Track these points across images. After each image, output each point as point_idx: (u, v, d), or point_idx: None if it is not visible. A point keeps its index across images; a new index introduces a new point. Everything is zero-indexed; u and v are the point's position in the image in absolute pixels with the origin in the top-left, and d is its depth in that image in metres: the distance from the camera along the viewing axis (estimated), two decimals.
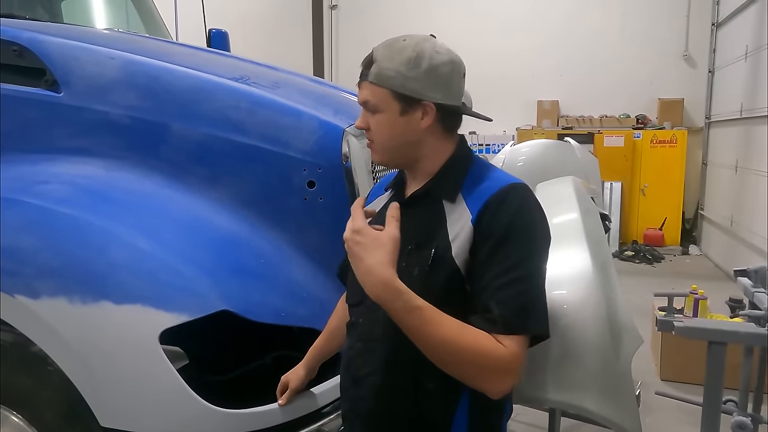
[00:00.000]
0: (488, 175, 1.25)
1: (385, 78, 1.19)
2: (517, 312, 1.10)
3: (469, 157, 1.29)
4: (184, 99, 1.77)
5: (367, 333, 1.26)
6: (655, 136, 7.80)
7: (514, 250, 1.14)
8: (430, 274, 1.16)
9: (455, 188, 1.23)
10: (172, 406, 1.46)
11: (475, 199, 1.19)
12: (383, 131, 1.23)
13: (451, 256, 1.16)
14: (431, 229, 1.21)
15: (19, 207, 1.60)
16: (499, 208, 1.16)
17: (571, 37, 8.44)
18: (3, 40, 1.81)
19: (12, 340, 1.56)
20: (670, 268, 6.81)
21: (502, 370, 1.09)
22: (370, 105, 1.22)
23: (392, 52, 1.19)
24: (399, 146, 1.24)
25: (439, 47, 1.21)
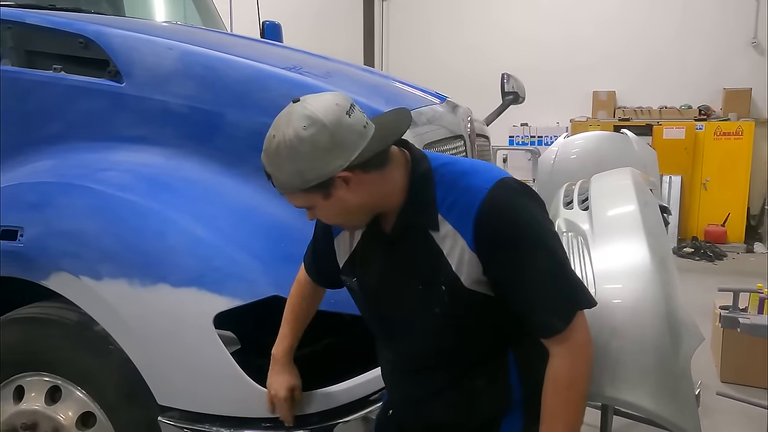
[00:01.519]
0: (459, 184, 1.17)
1: (286, 185, 1.13)
2: (566, 306, 1.14)
3: (427, 171, 1.18)
4: (238, 88, 1.80)
5: (406, 367, 1.32)
6: (719, 128, 7.43)
7: (527, 250, 1.13)
8: (451, 308, 1.18)
9: (432, 215, 1.17)
10: (226, 388, 1.50)
11: (461, 220, 1.14)
12: (330, 218, 1.20)
13: (464, 288, 1.15)
14: (430, 264, 1.18)
15: (83, 192, 1.68)
16: (492, 224, 1.12)
17: (628, 25, 8.13)
18: (70, 33, 1.89)
19: (77, 319, 1.64)
20: (733, 266, 6.50)
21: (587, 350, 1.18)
22: (301, 207, 1.19)
23: (272, 158, 1.11)
24: (354, 216, 1.19)
25: (303, 119, 1.08)
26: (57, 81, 1.88)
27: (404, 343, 1.30)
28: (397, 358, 1.33)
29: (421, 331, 1.25)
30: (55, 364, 1.68)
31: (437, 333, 1.23)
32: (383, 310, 1.30)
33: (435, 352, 1.26)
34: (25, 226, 1.67)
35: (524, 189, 1.19)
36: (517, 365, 1.25)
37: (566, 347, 1.15)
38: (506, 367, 1.25)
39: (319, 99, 1.11)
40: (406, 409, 1.37)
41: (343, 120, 1.09)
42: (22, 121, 1.91)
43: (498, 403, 1.27)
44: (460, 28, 8.89)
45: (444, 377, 1.27)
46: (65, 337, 1.66)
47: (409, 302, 1.22)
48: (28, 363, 1.72)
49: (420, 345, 1.27)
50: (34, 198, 1.74)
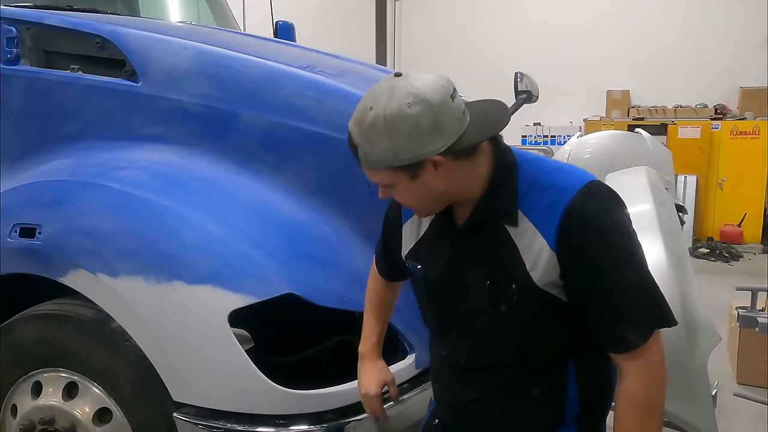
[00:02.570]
0: (545, 181, 1.12)
1: (375, 161, 1.08)
2: (647, 321, 1.09)
3: (512, 165, 1.15)
4: (252, 87, 1.81)
5: (459, 365, 1.25)
6: (736, 127, 7.34)
7: (615, 261, 1.07)
8: (519, 307, 1.12)
9: (512, 209, 1.12)
10: (240, 384, 1.51)
11: (544, 218, 1.09)
12: (407, 200, 1.17)
13: (536, 287, 1.10)
14: (503, 259, 1.13)
15: (100, 191, 1.70)
16: (580, 229, 1.07)
17: (642, 23, 8.06)
18: (87, 33, 1.91)
19: (93, 315, 1.66)
20: (750, 267, 6.42)
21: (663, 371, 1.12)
22: (382, 185, 1.15)
23: (366, 131, 1.06)
24: (432, 202, 1.16)
25: (408, 95, 1.03)
26: (74, 81, 1.90)
27: (463, 340, 1.23)
28: (452, 354, 1.27)
29: (482, 329, 1.19)
30: (72, 360, 1.70)
31: (499, 332, 1.18)
32: (445, 303, 1.24)
33: (493, 351, 1.20)
34: (43, 223, 1.69)
35: (614, 195, 1.14)
36: (576, 379, 1.18)
37: (641, 365, 1.09)
38: (565, 380, 1.18)
39: (426, 77, 1.06)
40: (452, 413, 1.31)
41: (447, 103, 1.05)
42: (40, 121, 1.94)
43: (551, 417, 1.20)
44: (473, 26, 8.87)
45: (497, 380, 1.20)
46: (82, 334, 1.68)
47: (475, 297, 1.16)
48: (46, 359, 1.74)
49: (479, 343, 1.21)
50: (52, 196, 1.76)
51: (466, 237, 1.17)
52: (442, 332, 1.28)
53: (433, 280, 1.24)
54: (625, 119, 7.84)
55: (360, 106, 1.08)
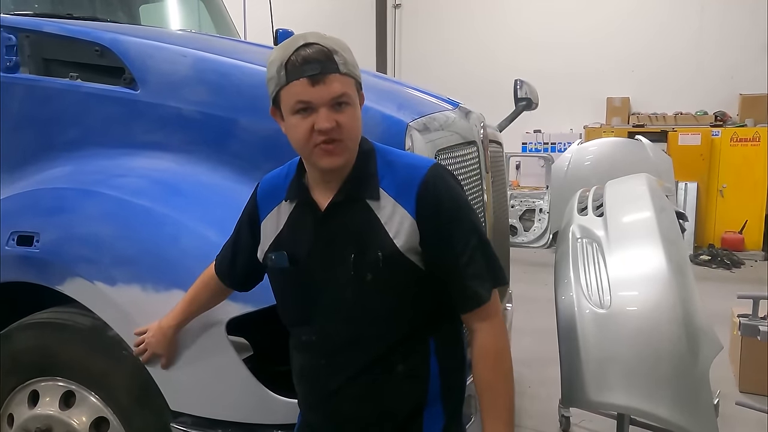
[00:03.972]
0: (398, 162, 1.26)
1: (352, 67, 1.17)
2: (491, 278, 1.24)
3: (370, 149, 1.26)
4: (251, 94, 1.80)
5: (327, 348, 1.26)
6: (736, 134, 7.34)
7: (463, 227, 1.22)
8: (384, 274, 1.19)
9: (374, 185, 1.22)
10: (238, 394, 1.50)
11: (402, 191, 1.21)
12: (354, 126, 1.19)
13: (399, 253, 1.19)
14: (367, 231, 1.20)
15: (99, 198, 1.69)
16: (435, 196, 1.20)
17: (643, 31, 8.08)
18: (86, 41, 1.91)
19: (90, 324, 1.65)
20: (751, 274, 6.40)
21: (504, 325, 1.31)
22: (346, 98, 1.16)
23: (337, 42, 1.18)
24: (357, 142, 1.22)
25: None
26: (73, 88, 1.90)
27: (330, 319, 1.25)
28: (317, 340, 1.27)
29: (349, 302, 1.22)
30: (70, 369, 1.69)
31: (365, 302, 1.22)
32: (311, 285, 1.26)
33: (359, 325, 1.23)
34: (41, 231, 1.68)
35: (454, 175, 1.32)
36: (437, 355, 1.26)
37: (489, 323, 1.24)
38: (426, 355, 1.25)
39: None
40: (319, 411, 1.30)
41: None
42: (39, 128, 1.94)
43: (416, 394, 1.25)
44: (473, 33, 8.90)
45: (363, 359, 1.23)
46: (79, 343, 1.67)
47: (342, 271, 1.21)
48: (43, 368, 1.73)
49: (346, 318, 1.24)
50: (50, 204, 1.76)
51: (329, 217, 1.23)
52: (308, 318, 1.28)
53: (298, 264, 1.26)
54: (626, 126, 7.84)
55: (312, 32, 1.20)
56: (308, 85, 1.13)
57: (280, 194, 1.32)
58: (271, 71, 1.18)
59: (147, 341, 1.52)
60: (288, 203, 1.30)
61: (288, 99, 1.16)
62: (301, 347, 1.31)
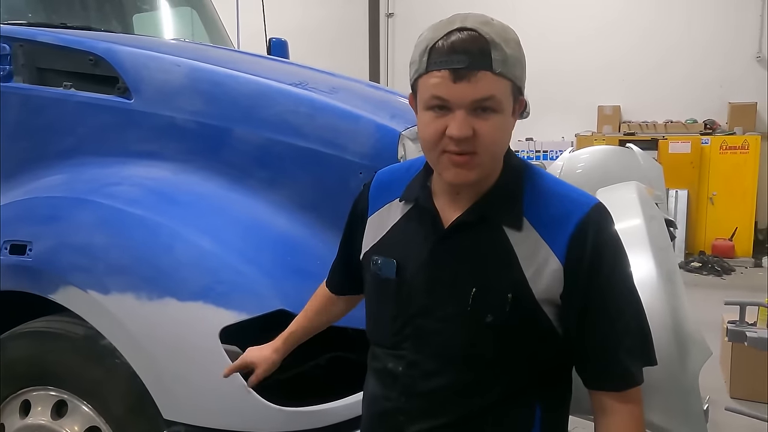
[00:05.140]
0: (553, 190, 1.04)
1: (511, 67, 0.94)
2: (644, 352, 1.03)
3: (520, 167, 1.06)
4: (245, 104, 1.82)
5: (412, 386, 1.07)
6: (725, 142, 7.42)
7: (622, 288, 1.02)
8: (509, 320, 1.00)
9: (517, 211, 1.01)
10: (231, 402, 1.50)
11: (552, 227, 0.99)
12: (495, 139, 0.97)
13: (534, 300, 0.99)
14: (497, 266, 1.00)
15: (92, 207, 1.70)
16: (595, 245, 0.98)
17: (633, 40, 8.16)
18: (80, 51, 1.92)
19: (84, 332, 1.65)
20: (741, 281, 6.45)
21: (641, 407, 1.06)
22: (493, 103, 0.94)
23: (504, 33, 0.95)
24: (499, 157, 1.02)
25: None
26: (67, 98, 1.91)
27: (424, 353, 1.06)
28: (402, 373, 1.08)
29: (453, 340, 1.04)
30: (62, 378, 1.68)
31: (474, 345, 1.03)
32: (411, 308, 1.07)
33: (460, 370, 1.04)
34: (33, 240, 1.68)
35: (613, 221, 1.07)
36: (541, 424, 1.06)
37: (631, 408, 1.01)
38: (529, 424, 1.05)
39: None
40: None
41: None
42: (33, 137, 1.94)
43: None
44: None
45: (451, 410, 1.05)
46: (72, 351, 1.66)
47: (453, 303, 1.02)
48: (35, 377, 1.72)
49: (445, 358, 1.05)
50: (43, 212, 1.76)
51: (452, 236, 1.04)
52: (397, 344, 1.09)
53: (402, 280, 1.08)
54: (617, 134, 7.90)
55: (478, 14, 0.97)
56: (449, 80, 0.92)
57: (396, 191, 1.13)
58: (415, 54, 0.99)
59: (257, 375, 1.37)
60: (402, 204, 1.12)
61: (424, 90, 0.97)
62: (381, 374, 1.12)
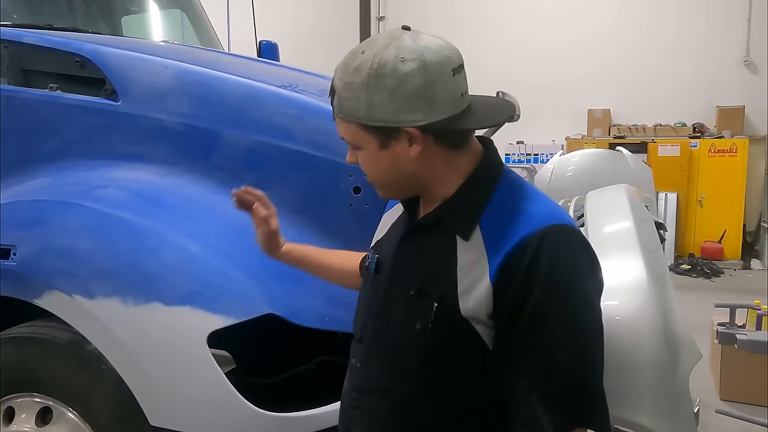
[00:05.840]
0: (517, 206, 0.96)
1: (348, 110, 0.96)
2: (568, 410, 0.89)
3: (494, 176, 1.01)
4: (234, 106, 1.81)
5: (362, 383, 1.08)
6: (714, 145, 7.48)
7: (554, 325, 0.89)
8: (434, 330, 0.95)
9: (471, 221, 0.97)
10: (219, 408, 1.48)
11: (496, 242, 0.93)
12: (371, 168, 1.02)
13: (459, 314, 0.93)
14: (437, 270, 0.98)
15: (78, 210, 1.67)
16: (528, 269, 0.89)
17: (623, 44, 8.22)
18: (66, 52, 1.90)
19: (69, 338, 1.62)
20: (731, 283, 6.49)
21: None
22: (347, 141, 1.01)
23: (349, 75, 0.95)
24: (396, 181, 1.01)
25: (404, 50, 0.92)
26: (53, 100, 1.88)
27: (373, 352, 1.08)
28: (359, 369, 1.10)
29: (389, 344, 1.04)
30: (47, 384, 1.66)
31: (404, 353, 1.01)
32: (375, 302, 1.09)
33: (391, 376, 1.03)
34: (18, 244, 1.65)
35: (588, 253, 0.97)
36: None
37: None
38: None
39: (435, 40, 0.95)
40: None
41: (445, 74, 0.93)
42: (18, 140, 1.91)
43: None
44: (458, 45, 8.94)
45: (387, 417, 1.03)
46: (57, 357, 1.64)
47: (398, 303, 1.02)
48: (19, 383, 1.69)
49: (381, 360, 1.05)
50: (28, 216, 1.73)
51: (415, 235, 1.05)
52: (360, 338, 1.11)
53: (378, 275, 1.10)
54: (607, 137, 7.95)
55: (353, 50, 0.97)
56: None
57: None
58: None
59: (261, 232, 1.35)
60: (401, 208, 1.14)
61: None
62: (348, 368, 1.14)
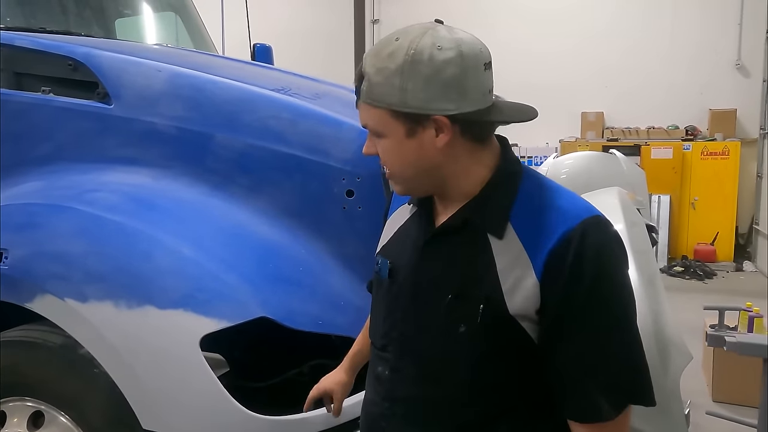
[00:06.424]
0: (548, 200, 0.97)
1: (378, 96, 0.95)
2: (624, 390, 0.94)
3: (516, 172, 1.02)
4: (227, 109, 1.81)
5: (394, 392, 1.06)
6: (706, 148, 7.53)
7: (608, 313, 0.93)
8: (481, 332, 0.95)
9: (502, 218, 0.97)
10: (212, 412, 1.48)
11: (535, 239, 0.94)
12: (393, 158, 1.00)
13: (507, 314, 0.94)
14: (476, 273, 0.97)
15: (70, 214, 1.67)
16: (575, 262, 0.91)
17: (616, 47, 8.27)
18: (59, 55, 1.90)
19: (61, 342, 1.62)
20: (723, 285, 6.53)
21: None
22: (371, 129, 1.00)
23: (382, 59, 0.94)
24: (418, 174, 1.00)
25: (441, 39, 0.93)
26: (45, 103, 1.88)
27: (405, 359, 1.05)
28: (388, 377, 1.07)
29: (429, 350, 1.02)
30: (39, 388, 1.65)
31: (447, 357, 1.00)
32: (399, 309, 1.07)
33: (432, 382, 1.02)
34: (10, 248, 1.65)
35: (621, 243, 0.98)
36: None
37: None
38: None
39: (467, 35, 0.97)
40: None
41: (478, 67, 0.94)
42: (10, 143, 1.91)
43: None
44: None
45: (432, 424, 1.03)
46: (49, 361, 1.63)
47: (432, 308, 1.00)
48: (11, 387, 1.68)
49: (420, 367, 1.04)
50: (20, 220, 1.72)
51: (440, 238, 1.03)
52: (384, 346, 1.09)
53: (393, 280, 1.08)
54: (600, 140, 7.98)
55: (385, 38, 0.96)
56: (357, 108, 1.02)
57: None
58: None
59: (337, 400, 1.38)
60: (411, 207, 1.11)
61: None
62: (372, 377, 1.12)
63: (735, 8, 7.83)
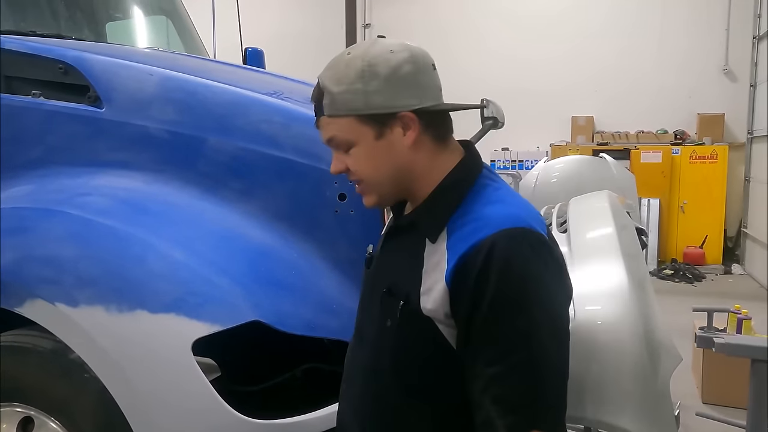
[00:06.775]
0: (481, 209, 0.97)
1: (342, 104, 0.97)
2: (521, 411, 0.88)
3: (464, 179, 1.03)
4: (219, 113, 1.80)
5: (350, 374, 1.14)
6: (695, 152, 7.61)
7: (507, 327, 0.89)
8: (403, 328, 0.99)
9: (439, 224, 0.99)
10: (204, 416, 1.47)
11: (455, 246, 0.95)
12: (366, 166, 1.01)
13: (419, 313, 0.96)
14: (407, 271, 1.01)
15: (61, 218, 1.66)
16: (481, 271, 0.90)
17: (606, 52, 8.34)
18: (49, 59, 1.89)
19: (51, 347, 1.61)
20: (712, 288, 6.59)
21: None
22: (339, 142, 1.01)
23: (340, 71, 0.98)
24: (391, 177, 1.02)
25: (391, 45, 1.00)
26: (36, 106, 1.87)
27: (358, 345, 1.14)
28: (349, 359, 1.17)
29: (368, 341, 1.10)
30: (29, 393, 1.64)
31: (377, 349, 1.05)
32: (363, 299, 1.17)
33: (369, 371, 1.08)
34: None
35: (546, 253, 0.95)
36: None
37: None
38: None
39: (410, 42, 1.03)
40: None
41: (429, 66, 1.01)
42: (0, 147, 1.89)
43: None
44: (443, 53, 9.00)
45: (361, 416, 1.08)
46: (39, 366, 1.62)
47: (374, 302, 1.07)
48: (1, 393, 1.67)
49: (363, 354, 1.11)
50: (10, 224, 1.71)
51: (392, 236, 1.11)
52: (354, 335, 1.18)
53: (368, 270, 1.16)
54: (590, 144, 8.04)
55: (336, 56, 1.01)
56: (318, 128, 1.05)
57: None
58: None
59: None
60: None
61: None
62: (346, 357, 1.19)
63: (722, 14, 7.92)
